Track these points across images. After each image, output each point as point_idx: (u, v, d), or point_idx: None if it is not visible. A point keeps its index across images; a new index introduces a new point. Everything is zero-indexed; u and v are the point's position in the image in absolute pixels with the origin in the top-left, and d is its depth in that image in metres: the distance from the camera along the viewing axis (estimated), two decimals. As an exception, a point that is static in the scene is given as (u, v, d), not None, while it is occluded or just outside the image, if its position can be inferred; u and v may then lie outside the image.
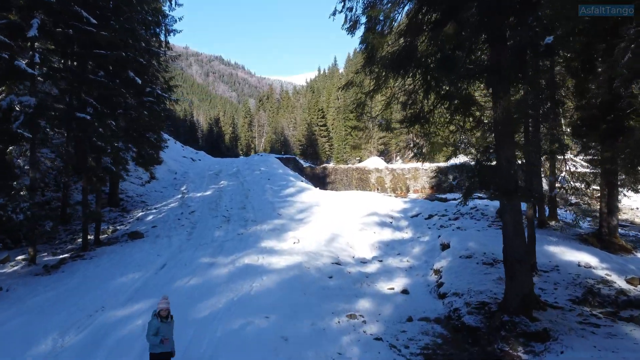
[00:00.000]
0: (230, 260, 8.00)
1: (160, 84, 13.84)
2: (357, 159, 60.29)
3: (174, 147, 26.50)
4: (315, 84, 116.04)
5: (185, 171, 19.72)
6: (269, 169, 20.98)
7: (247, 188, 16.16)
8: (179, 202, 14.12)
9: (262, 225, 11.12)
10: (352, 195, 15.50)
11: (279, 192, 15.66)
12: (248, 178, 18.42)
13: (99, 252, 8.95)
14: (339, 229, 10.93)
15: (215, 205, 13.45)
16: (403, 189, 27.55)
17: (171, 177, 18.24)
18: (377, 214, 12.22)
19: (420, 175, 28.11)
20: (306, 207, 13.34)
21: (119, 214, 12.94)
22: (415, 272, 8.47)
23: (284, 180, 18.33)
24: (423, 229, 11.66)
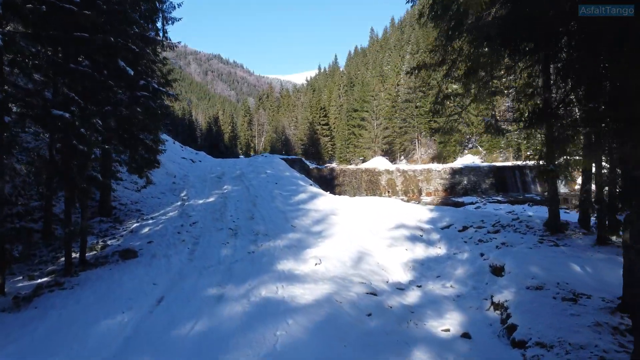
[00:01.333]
0: (244, 292, 6.48)
1: (158, 77, 12.30)
2: (360, 159, 58.80)
3: (173, 147, 24.96)
4: (316, 83, 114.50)
5: (185, 174, 18.18)
6: (275, 171, 19.46)
7: (254, 194, 14.63)
8: (179, 210, 12.58)
9: (276, 240, 9.60)
10: (371, 202, 13.99)
11: (289, 198, 14.14)
12: (254, 182, 16.90)
13: (83, 278, 7.41)
14: (364, 245, 9.42)
15: (220, 215, 11.92)
16: (415, 192, 26.06)
17: (170, 181, 16.70)
18: (405, 226, 10.70)
19: (433, 177, 26.63)
20: (322, 217, 11.83)
21: (110, 225, 11.41)
22: (466, 304, 6.99)
23: (292, 184, 16.81)
24: (458, 243, 10.16)
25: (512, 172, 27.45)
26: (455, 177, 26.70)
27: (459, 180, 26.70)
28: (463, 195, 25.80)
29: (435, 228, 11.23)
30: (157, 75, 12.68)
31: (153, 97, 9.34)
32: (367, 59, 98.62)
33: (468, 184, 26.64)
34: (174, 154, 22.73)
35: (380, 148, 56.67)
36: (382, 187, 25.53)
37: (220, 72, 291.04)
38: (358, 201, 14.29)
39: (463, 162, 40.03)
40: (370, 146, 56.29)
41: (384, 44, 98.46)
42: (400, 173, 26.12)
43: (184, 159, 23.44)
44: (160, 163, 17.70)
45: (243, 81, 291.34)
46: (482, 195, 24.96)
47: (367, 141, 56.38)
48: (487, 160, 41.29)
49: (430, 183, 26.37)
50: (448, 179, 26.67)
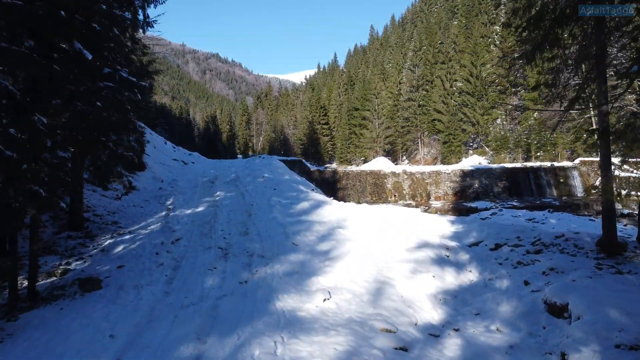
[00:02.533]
0: (230, 351, 4.77)
1: (136, 67, 10.57)
2: (361, 159, 57.11)
3: (163, 148, 23.22)
4: (315, 81, 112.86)
5: (174, 178, 16.43)
6: (274, 175, 17.74)
7: (250, 202, 12.91)
8: (162, 223, 10.85)
9: (274, 264, 7.88)
10: (382, 211, 12.29)
11: (289, 207, 12.43)
12: (250, 187, 15.18)
13: (22, 323, 5.69)
14: (382, 270, 7.71)
15: (209, 229, 10.20)
16: (423, 196, 24.38)
17: (156, 187, 14.95)
18: (427, 245, 8.99)
19: (443, 180, 24.94)
20: (329, 232, 10.12)
21: (79, 242, 9.68)
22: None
23: (293, 190, 15.10)
24: (492, 265, 8.46)
25: (526, 174, 25.79)
26: (466, 180, 25.02)
27: (470, 184, 25.02)
28: (474, 200, 24.13)
29: (462, 246, 9.53)
30: (136, 65, 10.94)
31: (120, 89, 7.60)
32: (367, 57, 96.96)
33: (479, 187, 24.96)
34: (164, 156, 21.00)
35: (382, 148, 54.98)
36: (388, 191, 23.83)
37: (218, 71, 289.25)
38: (367, 210, 12.58)
39: (469, 163, 38.37)
40: (371, 146, 54.61)
41: (384, 42, 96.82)
42: (407, 175, 24.42)
43: (176, 160, 21.70)
44: (145, 166, 15.99)
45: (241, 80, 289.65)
46: (496, 200, 23.28)
47: (369, 141, 54.72)
48: (495, 161, 39.63)
49: (439, 186, 24.68)
50: (458, 182, 24.99)
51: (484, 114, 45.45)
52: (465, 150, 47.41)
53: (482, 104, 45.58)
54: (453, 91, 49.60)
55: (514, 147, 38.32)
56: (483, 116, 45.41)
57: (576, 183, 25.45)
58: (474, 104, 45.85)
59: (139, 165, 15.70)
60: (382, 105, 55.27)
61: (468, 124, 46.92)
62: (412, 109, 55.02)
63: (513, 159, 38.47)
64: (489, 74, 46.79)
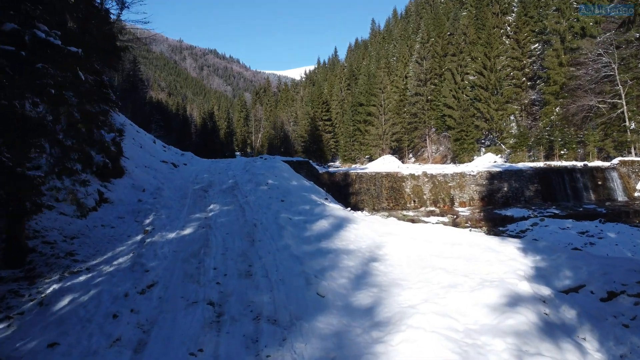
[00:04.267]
0: None
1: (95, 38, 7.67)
2: (366, 157, 54.24)
3: (151, 148, 20.30)
4: (315, 76, 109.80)
5: (158, 186, 13.50)
6: (280, 181, 14.86)
7: (252, 220, 10.03)
8: (134, 254, 7.96)
9: (294, 339, 5.01)
10: (425, 233, 9.44)
11: (303, 228, 9.56)
12: (251, 198, 12.31)
13: None
14: (468, 351, 4.87)
15: (197, 267, 7.32)
16: (446, 201, 21.54)
17: (134, 199, 12.03)
18: (519, 298, 6.10)
19: (467, 183, 22.10)
20: (363, 269, 7.27)
21: (11, 289, 6.79)
22: None
23: (305, 201, 12.23)
24: (617, 331, 5.56)
25: (560, 176, 22.97)
26: (493, 183, 22.18)
27: (499, 187, 22.17)
28: (505, 206, 21.30)
29: (557, 293, 6.67)
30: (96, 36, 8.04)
31: (31, 57, 4.67)
32: (369, 51, 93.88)
33: (509, 191, 22.12)
34: (150, 157, 18.08)
35: (389, 145, 52.14)
36: (406, 196, 20.99)
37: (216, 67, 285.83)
38: (404, 231, 9.74)
39: (484, 162, 35.56)
40: (377, 143, 51.76)
41: (386, 35, 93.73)
42: (428, 178, 21.57)
43: (164, 162, 18.78)
44: (124, 171, 13.09)
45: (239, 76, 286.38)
46: (530, 207, 20.44)
47: (374, 138, 51.84)
48: (512, 160, 36.83)
49: (463, 190, 21.84)
50: (485, 185, 22.15)
51: (498, 109, 42.61)
52: (477, 148, 44.61)
53: (497, 98, 42.72)
54: (464, 85, 46.73)
55: (535, 144, 35.48)
56: (497, 111, 42.57)
57: (616, 186, 22.68)
58: (488, 99, 43.00)
59: (115, 170, 12.80)
60: (388, 100, 52.34)
61: (481, 119, 44.10)
62: (420, 104, 52.14)
63: (533, 158, 35.66)
64: (504, 66, 43.91)
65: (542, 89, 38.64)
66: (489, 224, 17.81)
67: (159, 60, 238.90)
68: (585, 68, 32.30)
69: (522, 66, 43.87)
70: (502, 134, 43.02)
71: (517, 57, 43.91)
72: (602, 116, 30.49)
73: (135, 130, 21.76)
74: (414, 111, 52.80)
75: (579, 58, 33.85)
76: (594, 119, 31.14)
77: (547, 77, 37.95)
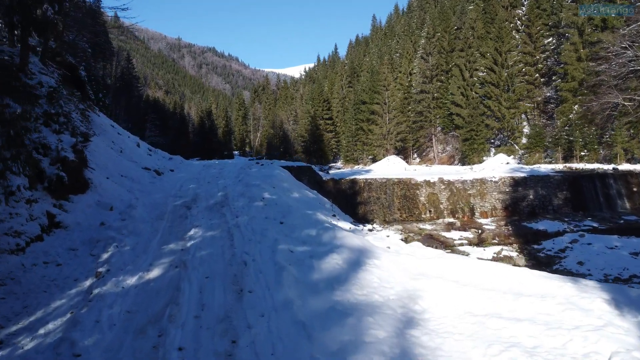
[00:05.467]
0: None
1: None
2: (369, 158, 51.85)
3: (133, 152, 17.91)
4: (315, 74, 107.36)
5: (130, 203, 11.07)
6: (278, 194, 12.48)
7: (242, 256, 7.63)
8: (69, 319, 5.58)
9: None
10: (474, 276, 7.07)
11: (310, 268, 7.19)
12: (243, 218, 9.92)
13: None
14: None
15: (154, 345, 4.93)
16: (466, 212, 19.17)
17: (97, 221, 9.62)
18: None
19: (489, 190, 19.73)
20: (401, 350, 4.91)
21: None
22: None
23: (310, 223, 9.86)
24: None
25: (591, 181, 20.60)
26: (517, 190, 19.80)
27: (523, 195, 19.80)
28: (531, 216, 18.93)
29: None
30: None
31: None
32: (370, 47, 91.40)
33: (535, 199, 19.76)
34: (129, 164, 15.68)
35: (393, 145, 49.74)
36: (421, 206, 18.64)
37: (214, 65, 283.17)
38: (441, 270, 7.37)
39: (495, 163, 33.20)
40: (381, 143, 49.35)
41: (388, 31, 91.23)
42: (444, 185, 19.21)
43: (146, 170, 16.37)
44: (89, 185, 10.70)
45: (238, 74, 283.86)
46: (564, 219, 18.07)
47: (378, 138, 49.43)
48: (528, 161, 34.47)
49: (484, 198, 19.48)
50: (508, 193, 19.77)
51: (510, 107, 40.21)
52: (487, 148, 42.24)
53: (508, 95, 40.32)
54: (473, 82, 44.31)
55: (553, 145, 33.10)
56: (509, 110, 40.18)
57: (654, 193, 20.32)
58: (499, 96, 40.60)
59: (76, 184, 10.39)
60: (392, 98, 49.93)
61: (492, 118, 41.71)
62: (425, 101, 49.74)
63: (551, 160, 33.29)
64: (516, 61, 41.50)
65: (559, 85, 36.20)
66: (520, 241, 15.46)
67: (157, 58, 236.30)
68: (607, 63, 29.89)
69: (534, 62, 41.46)
70: (513, 134, 40.66)
71: (529, 52, 41.50)
72: (628, 115, 28.12)
73: (116, 132, 19.37)
74: (419, 109, 50.38)
75: (600, 52, 31.43)
76: (619, 118, 28.77)
77: (564, 73, 35.55)
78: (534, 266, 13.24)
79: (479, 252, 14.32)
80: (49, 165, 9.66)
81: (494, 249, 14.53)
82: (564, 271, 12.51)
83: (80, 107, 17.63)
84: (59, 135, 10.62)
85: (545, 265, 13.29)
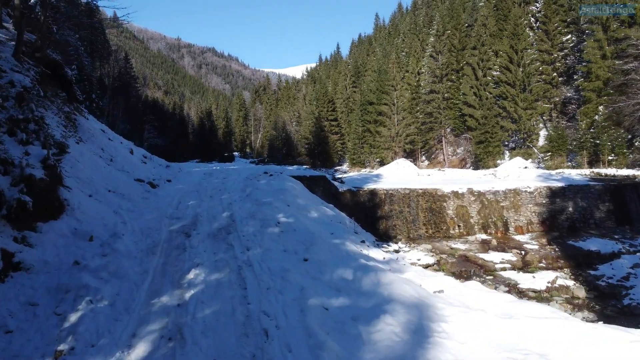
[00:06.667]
0: None
1: None
2: (377, 161, 49.74)
3: (125, 161, 15.85)
4: (317, 74, 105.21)
5: (115, 230, 8.97)
6: (295, 215, 10.38)
7: (260, 319, 5.53)
8: None
9: None
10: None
11: (356, 340, 5.11)
12: (255, 252, 7.84)
13: None
14: None
15: None
16: (499, 226, 17.09)
17: (70, 258, 7.51)
18: None
19: (524, 202, 17.64)
20: None
21: None
22: None
23: (341, 258, 7.78)
24: None
25: (635, 191, 18.54)
26: (555, 202, 17.72)
27: (562, 207, 17.71)
28: (572, 231, 16.85)
29: None
30: None
31: None
32: (373, 46, 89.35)
33: (575, 211, 17.67)
34: (119, 176, 13.60)
35: (402, 148, 47.62)
36: (449, 220, 16.58)
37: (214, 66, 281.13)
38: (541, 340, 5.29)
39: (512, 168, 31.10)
40: (389, 146, 47.20)
41: (392, 30, 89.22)
42: (474, 197, 17.14)
43: (139, 182, 14.30)
44: (64, 207, 8.64)
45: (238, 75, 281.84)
46: (613, 236, 15.97)
47: (386, 140, 47.29)
48: (549, 166, 32.37)
49: (519, 211, 17.40)
50: (545, 205, 17.68)
51: (526, 108, 38.11)
52: (501, 152, 40.14)
53: (525, 95, 38.21)
54: (487, 81, 42.18)
55: (577, 149, 31.01)
56: (526, 110, 38.08)
57: None
58: (515, 96, 38.49)
59: (47, 208, 8.30)
60: (401, 99, 47.82)
61: (507, 119, 39.61)
62: (435, 102, 47.63)
63: (574, 164, 31.21)
64: (532, 60, 39.41)
65: (581, 85, 34.07)
66: (571, 264, 13.38)
67: (156, 58, 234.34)
68: (638, 61, 27.83)
69: (552, 60, 39.36)
70: (530, 136, 38.57)
71: (546, 50, 39.42)
72: (661, 116, 26.06)
73: (107, 138, 17.30)
74: (428, 110, 48.27)
75: (629, 49, 29.37)
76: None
77: (588, 72, 33.43)
78: (597, 298, 11.19)
79: (527, 279, 12.26)
80: (10, 187, 7.57)
81: (544, 276, 12.47)
82: (638, 306, 10.45)
83: (65, 109, 15.56)
84: (26, 147, 8.53)
85: (610, 297, 11.23)
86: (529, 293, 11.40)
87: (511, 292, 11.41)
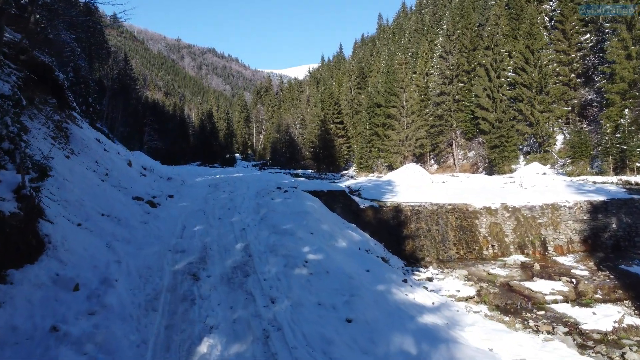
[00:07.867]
0: None
1: None
2: (385, 165, 48.06)
3: (122, 176, 14.21)
4: (319, 74, 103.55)
5: (106, 275, 7.29)
6: (325, 249, 8.70)
7: None
8: None
9: None
10: None
11: None
12: (283, 306, 6.17)
13: None
14: None
15: None
16: (537, 245, 15.40)
17: (46, 322, 5.74)
18: None
19: (563, 219, 15.96)
20: None
21: None
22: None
23: (395, 318, 6.16)
24: None
25: (682, 206, 16.83)
26: (597, 218, 16.04)
27: (605, 223, 16.03)
28: (617, 251, 15.15)
29: None
30: None
31: None
32: (377, 47, 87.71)
33: (619, 229, 15.98)
34: (115, 194, 11.91)
35: (411, 152, 45.95)
36: (482, 239, 14.91)
37: (215, 66, 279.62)
38: None
39: (530, 174, 29.42)
40: (398, 149, 45.53)
41: (396, 30, 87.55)
42: (509, 213, 15.46)
43: (138, 201, 12.63)
44: (44, 245, 6.99)
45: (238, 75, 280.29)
46: (668, 257, 14.27)
47: (395, 144, 45.61)
48: (569, 172, 30.65)
49: (558, 229, 15.71)
50: (586, 221, 16.00)
51: (543, 111, 36.45)
52: (515, 156, 38.44)
53: (542, 98, 36.54)
54: (501, 83, 40.50)
55: (603, 155, 29.33)
56: (543, 113, 36.41)
57: None
58: (532, 98, 36.82)
59: (21, 249, 6.62)
60: (410, 101, 46.14)
61: (523, 123, 37.95)
62: (446, 104, 45.97)
63: (599, 170, 29.53)
64: (550, 60, 37.75)
65: (604, 86, 32.36)
66: (631, 295, 11.69)
67: (156, 59, 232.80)
68: (668, 61, 26.15)
69: (569, 60, 37.68)
70: (547, 140, 36.88)
71: (563, 50, 37.77)
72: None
73: (102, 148, 15.65)
74: (438, 112, 46.61)
75: (656, 49, 27.69)
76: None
77: (611, 73, 31.74)
78: (674, 342, 9.47)
79: (586, 316, 10.58)
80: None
81: (605, 311, 10.80)
82: None
83: (55, 118, 13.93)
84: None
85: (690, 341, 9.49)
86: (593, 335, 9.72)
87: (572, 333, 9.74)
